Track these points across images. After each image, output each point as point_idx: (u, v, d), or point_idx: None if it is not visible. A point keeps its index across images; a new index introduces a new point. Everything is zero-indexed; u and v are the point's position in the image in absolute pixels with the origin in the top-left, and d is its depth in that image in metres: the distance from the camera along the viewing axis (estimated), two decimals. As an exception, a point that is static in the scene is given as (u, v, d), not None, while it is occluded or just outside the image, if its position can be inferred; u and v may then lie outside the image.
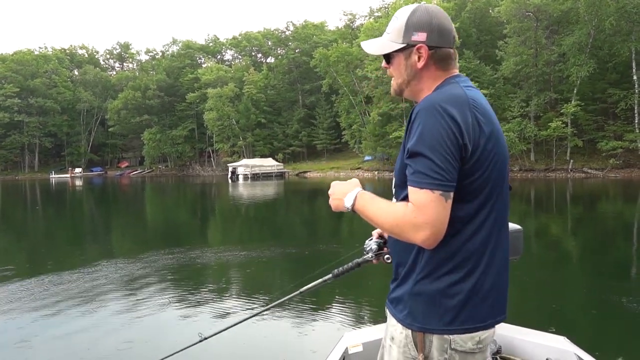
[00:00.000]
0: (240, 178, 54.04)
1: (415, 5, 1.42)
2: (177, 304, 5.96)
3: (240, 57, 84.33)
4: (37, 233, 14.57)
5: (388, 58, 1.48)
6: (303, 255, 9.36)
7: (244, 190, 34.23)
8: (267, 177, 55.28)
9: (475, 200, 1.32)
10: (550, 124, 37.41)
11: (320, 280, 1.87)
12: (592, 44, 37.21)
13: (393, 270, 1.48)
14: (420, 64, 1.40)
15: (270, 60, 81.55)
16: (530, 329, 2.56)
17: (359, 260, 1.69)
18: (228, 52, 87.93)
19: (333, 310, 5.67)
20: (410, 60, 1.41)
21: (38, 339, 4.90)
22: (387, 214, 1.33)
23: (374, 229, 1.65)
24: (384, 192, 1.43)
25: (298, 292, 1.97)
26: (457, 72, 1.44)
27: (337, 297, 6.18)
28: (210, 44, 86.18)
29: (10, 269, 8.32)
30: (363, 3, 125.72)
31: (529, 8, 39.51)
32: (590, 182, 31.78)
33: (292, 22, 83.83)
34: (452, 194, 1.25)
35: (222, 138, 67.33)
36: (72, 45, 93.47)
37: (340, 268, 1.82)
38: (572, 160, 38.55)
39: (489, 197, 1.34)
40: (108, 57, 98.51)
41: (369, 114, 51.02)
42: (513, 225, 1.97)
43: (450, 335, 1.32)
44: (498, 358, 2.36)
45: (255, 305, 5.83)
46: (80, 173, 75.49)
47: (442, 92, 1.35)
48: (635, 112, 36.54)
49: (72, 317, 5.55)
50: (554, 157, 39.87)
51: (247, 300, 6.10)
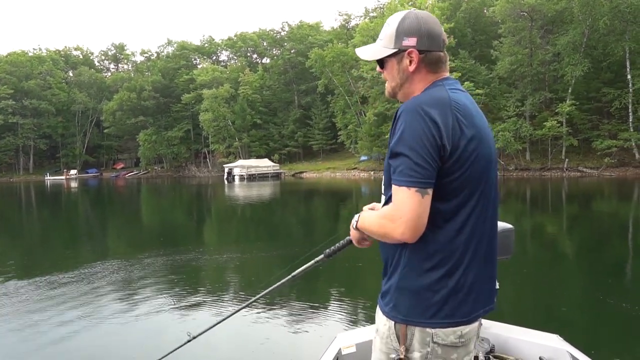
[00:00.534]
0: (236, 179, 53.96)
1: (406, 12, 1.49)
2: (170, 305, 5.93)
3: (236, 57, 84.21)
4: (32, 235, 14.50)
5: (382, 63, 1.55)
6: (300, 255, 9.34)
7: (240, 191, 34.18)
8: (263, 177, 55.23)
9: (456, 199, 1.37)
10: (546, 124, 37.53)
11: (312, 262, 1.86)
12: (586, 44, 37.37)
13: (383, 267, 1.53)
14: (412, 68, 1.47)
15: (266, 61, 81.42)
16: (524, 328, 2.56)
17: (350, 238, 1.69)
18: (223, 52, 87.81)
19: (326, 311, 5.65)
20: (402, 65, 1.48)
21: (30, 341, 4.85)
22: (374, 219, 1.44)
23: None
24: (379, 192, 1.44)
25: (290, 276, 1.96)
26: (447, 74, 1.50)
27: (329, 298, 6.17)
28: (206, 45, 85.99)
29: (6, 271, 8.26)
30: (358, 3, 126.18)
31: (524, 8, 39.64)
32: (586, 180, 31.92)
33: (287, 22, 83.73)
34: (429, 191, 1.32)
35: (217, 139, 67.19)
36: (66, 47, 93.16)
37: (332, 247, 1.80)
38: (567, 159, 38.69)
39: (471, 196, 1.39)
40: (103, 58, 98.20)
41: (365, 114, 51.07)
42: (504, 225, 1.96)
43: (433, 329, 1.37)
44: (491, 357, 2.35)
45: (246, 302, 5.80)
46: (76, 175, 75.16)
47: (426, 94, 1.42)
48: (630, 111, 36.68)
49: (65, 319, 5.51)
50: (550, 156, 40.00)
51: (240, 299, 6.08)
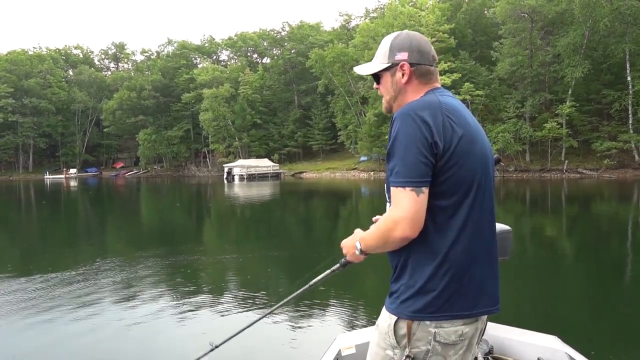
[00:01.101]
0: (236, 179, 53.97)
1: (398, 32, 1.65)
2: (178, 309, 5.92)
3: (236, 57, 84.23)
4: (32, 234, 14.49)
5: (378, 79, 1.67)
6: (302, 256, 9.35)
7: (240, 191, 34.17)
8: (262, 177, 55.24)
9: (454, 197, 1.44)
10: (546, 125, 37.56)
11: (329, 271, 1.92)
12: (586, 45, 37.37)
13: (392, 272, 1.58)
14: (404, 80, 1.58)
15: (266, 61, 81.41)
16: (522, 329, 2.57)
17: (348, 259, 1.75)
18: (224, 52, 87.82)
19: (326, 313, 5.65)
20: (395, 77, 1.60)
21: (33, 345, 4.86)
22: (374, 230, 1.52)
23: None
24: (379, 192, 1.45)
25: (308, 286, 2.03)
26: (438, 85, 1.61)
27: (329, 299, 6.17)
28: (206, 45, 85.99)
29: (10, 270, 8.26)
30: (359, 4, 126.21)
31: (524, 9, 39.65)
32: (585, 182, 31.93)
33: (287, 22, 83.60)
34: (424, 189, 1.39)
35: (217, 139, 67.19)
36: (66, 45, 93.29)
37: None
38: (567, 161, 38.70)
39: (467, 194, 1.45)
40: (103, 57, 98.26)
41: (365, 115, 51.06)
42: (502, 226, 1.97)
43: (435, 328, 1.42)
44: (490, 358, 2.36)
45: (258, 306, 5.80)
46: (75, 174, 75.18)
47: (418, 100, 1.52)
48: (630, 112, 36.69)
49: (73, 321, 5.51)
50: (549, 157, 40.02)
51: (249, 302, 6.07)
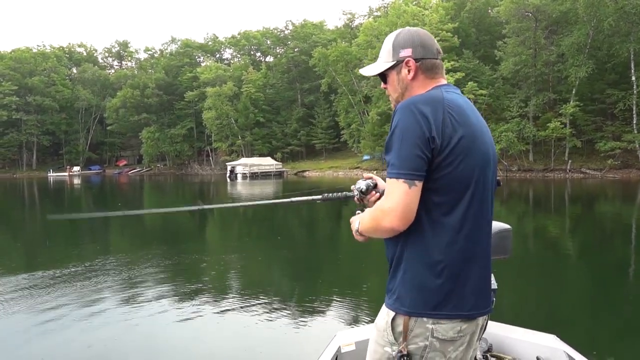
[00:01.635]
0: (239, 177, 54.04)
1: (399, 30, 1.63)
2: (182, 306, 5.94)
3: (239, 56, 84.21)
4: (36, 231, 14.55)
5: (384, 79, 1.66)
6: (303, 256, 9.36)
7: (243, 189, 34.21)
8: (265, 176, 55.27)
9: (452, 194, 1.42)
10: (549, 125, 37.46)
11: (310, 198, 2.01)
12: (590, 45, 37.24)
13: (388, 265, 1.58)
14: (410, 76, 1.57)
15: (269, 59, 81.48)
16: (521, 328, 2.58)
17: (347, 194, 1.84)
18: (227, 50, 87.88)
19: (326, 310, 5.66)
20: (402, 74, 1.59)
21: (36, 342, 4.88)
22: (367, 215, 1.52)
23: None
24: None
25: (289, 200, 2.09)
26: (444, 81, 1.59)
27: (329, 296, 6.18)
28: (209, 43, 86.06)
29: (14, 268, 8.29)
30: (362, 2, 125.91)
31: (528, 8, 39.55)
32: (589, 182, 31.83)
33: (291, 21, 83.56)
34: (417, 182, 1.38)
35: (220, 137, 67.28)
36: (70, 44, 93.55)
37: (330, 194, 1.97)
38: (570, 161, 38.60)
39: (464, 193, 1.44)
40: (107, 55, 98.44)
41: (368, 114, 51.03)
42: (502, 225, 1.98)
43: (433, 325, 1.41)
44: (489, 356, 2.37)
45: (260, 304, 5.81)
46: (79, 171, 75.40)
47: (421, 94, 1.51)
48: (634, 112, 36.56)
49: (78, 317, 5.53)
50: (553, 157, 39.93)
51: (251, 299, 6.08)
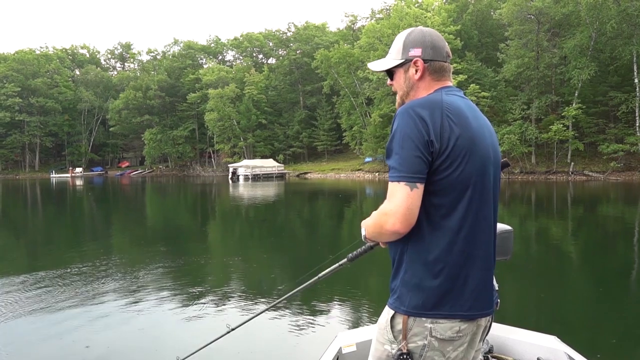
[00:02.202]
0: (241, 179, 54.05)
1: (412, 28, 1.64)
2: (183, 305, 5.94)
3: (242, 57, 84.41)
4: (39, 231, 14.58)
5: (391, 75, 1.67)
6: (306, 257, 9.35)
7: (245, 191, 34.23)
8: (267, 178, 55.29)
9: (451, 196, 1.44)
10: (552, 127, 37.39)
11: (337, 265, 1.97)
12: (593, 47, 37.19)
13: (391, 266, 1.60)
14: (417, 76, 1.58)
15: (272, 61, 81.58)
16: (522, 329, 2.58)
17: (371, 244, 1.80)
18: (229, 52, 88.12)
19: (327, 311, 5.66)
20: (409, 73, 1.60)
21: (39, 339, 4.88)
22: (371, 219, 1.53)
23: None
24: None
25: (316, 278, 2.07)
26: (449, 83, 1.60)
27: (330, 297, 6.17)
28: (212, 45, 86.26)
29: (18, 267, 8.31)
30: (365, 4, 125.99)
31: (531, 11, 39.53)
32: (591, 185, 31.76)
33: (293, 23, 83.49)
34: (418, 185, 1.40)
35: (222, 139, 67.38)
36: (73, 45, 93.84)
37: (355, 252, 1.94)
38: (573, 163, 38.52)
39: (462, 195, 1.45)
40: (109, 57, 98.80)
41: (370, 116, 51.01)
42: (503, 226, 1.99)
43: (432, 324, 1.43)
44: (490, 357, 2.37)
45: (262, 302, 5.81)
46: (81, 173, 75.57)
47: (421, 98, 1.53)
48: (637, 115, 36.47)
49: (81, 315, 5.54)
50: (555, 159, 39.85)
51: (254, 299, 6.08)
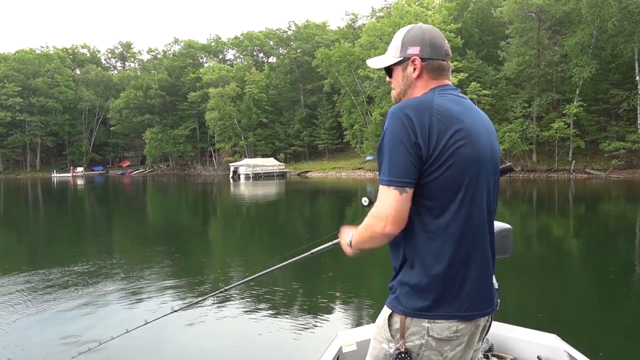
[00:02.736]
0: (242, 178, 54.09)
1: (411, 25, 1.62)
2: (184, 302, 5.95)
3: (242, 56, 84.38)
4: (40, 231, 14.60)
5: (390, 72, 1.66)
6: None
7: (246, 190, 34.25)
8: (268, 176, 55.32)
9: (442, 198, 1.44)
10: (553, 125, 37.34)
11: (330, 244, 1.98)
12: (594, 45, 37.13)
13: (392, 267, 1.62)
14: (415, 74, 1.57)
15: (272, 60, 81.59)
16: (522, 327, 2.58)
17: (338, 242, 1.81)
18: (230, 51, 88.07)
19: (327, 310, 5.66)
20: (407, 72, 1.59)
21: (41, 338, 4.89)
22: (363, 224, 1.53)
23: None
24: None
25: (309, 253, 2.09)
26: (447, 82, 1.58)
27: (331, 296, 6.17)
28: (212, 44, 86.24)
29: (22, 266, 8.32)
30: (365, 3, 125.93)
31: (532, 8, 39.44)
32: (593, 182, 31.72)
33: (294, 21, 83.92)
34: (407, 189, 1.40)
35: (223, 137, 67.37)
36: (74, 45, 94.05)
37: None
38: (574, 161, 38.47)
39: (454, 197, 1.44)
40: (110, 56, 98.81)
41: (371, 114, 50.99)
42: (502, 225, 1.99)
43: (429, 323, 1.43)
44: (490, 356, 2.37)
45: (264, 301, 5.81)
46: (82, 172, 75.67)
47: (412, 99, 1.52)
48: (638, 112, 36.42)
49: (83, 314, 5.54)
50: (556, 157, 39.79)
51: (253, 296, 6.08)
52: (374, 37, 49.62)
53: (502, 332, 2.50)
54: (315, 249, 2.05)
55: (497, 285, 1.65)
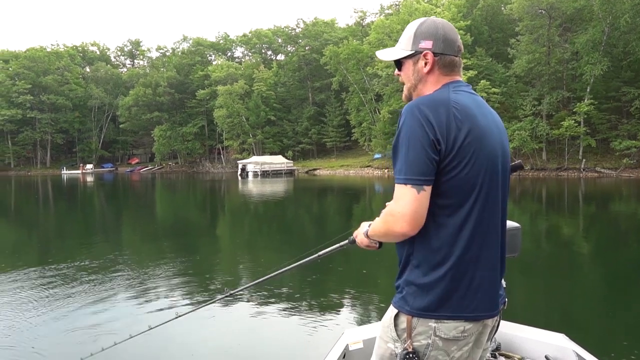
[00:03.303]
0: (250, 175, 54.22)
1: (424, 18, 1.58)
2: (187, 301, 5.98)
3: (250, 54, 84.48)
4: (50, 227, 14.74)
5: (399, 65, 1.62)
6: (312, 253, 9.35)
7: (254, 188, 34.34)
8: (276, 174, 55.39)
9: (457, 196, 1.41)
10: (563, 123, 37.02)
11: (337, 246, 1.97)
12: (606, 42, 36.70)
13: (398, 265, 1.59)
14: (426, 69, 1.53)
15: (280, 58, 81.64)
16: (530, 326, 2.57)
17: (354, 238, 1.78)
18: (238, 49, 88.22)
19: (334, 308, 5.66)
20: (418, 66, 1.55)
21: (48, 335, 4.93)
22: (380, 219, 1.50)
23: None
24: (393, 189, 1.43)
25: (316, 255, 2.07)
26: (459, 78, 1.55)
27: (338, 294, 6.17)
28: (221, 41, 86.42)
29: (33, 262, 8.41)
30: (374, 0, 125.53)
31: (542, 5, 39.06)
32: (603, 181, 31.43)
33: (302, 19, 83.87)
34: (425, 187, 1.36)
35: (232, 135, 67.54)
36: (83, 42, 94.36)
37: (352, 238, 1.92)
38: (584, 160, 38.12)
39: (469, 195, 1.42)
40: (119, 54, 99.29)
41: (379, 112, 50.89)
42: (511, 223, 1.98)
43: (435, 323, 1.41)
44: (497, 355, 2.36)
45: (263, 297, 5.82)
46: (92, 169, 76.31)
47: (428, 95, 1.48)
48: (650, 111, 36.03)
49: (90, 312, 5.59)
50: (566, 156, 39.45)
51: (260, 295, 6.10)
52: (383, 34, 49.47)
53: (509, 331, 2.49)
54: (322, 252, 2.03)
55: (505, 284, 1.64)
